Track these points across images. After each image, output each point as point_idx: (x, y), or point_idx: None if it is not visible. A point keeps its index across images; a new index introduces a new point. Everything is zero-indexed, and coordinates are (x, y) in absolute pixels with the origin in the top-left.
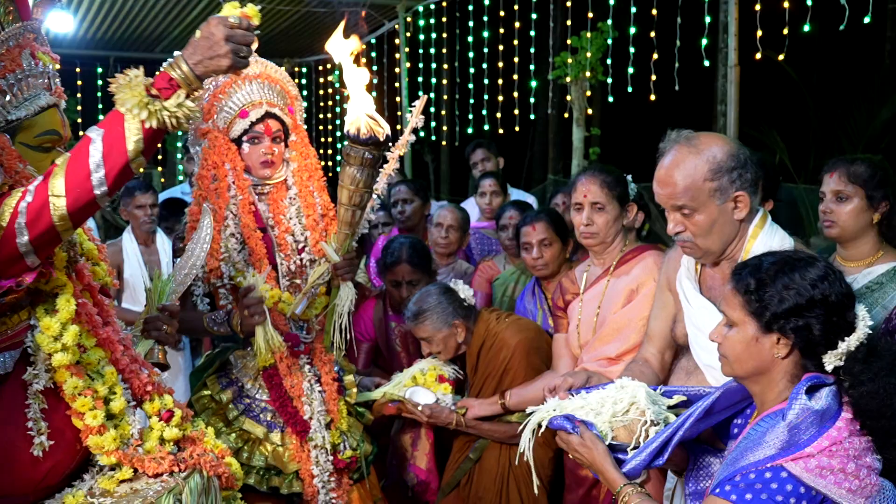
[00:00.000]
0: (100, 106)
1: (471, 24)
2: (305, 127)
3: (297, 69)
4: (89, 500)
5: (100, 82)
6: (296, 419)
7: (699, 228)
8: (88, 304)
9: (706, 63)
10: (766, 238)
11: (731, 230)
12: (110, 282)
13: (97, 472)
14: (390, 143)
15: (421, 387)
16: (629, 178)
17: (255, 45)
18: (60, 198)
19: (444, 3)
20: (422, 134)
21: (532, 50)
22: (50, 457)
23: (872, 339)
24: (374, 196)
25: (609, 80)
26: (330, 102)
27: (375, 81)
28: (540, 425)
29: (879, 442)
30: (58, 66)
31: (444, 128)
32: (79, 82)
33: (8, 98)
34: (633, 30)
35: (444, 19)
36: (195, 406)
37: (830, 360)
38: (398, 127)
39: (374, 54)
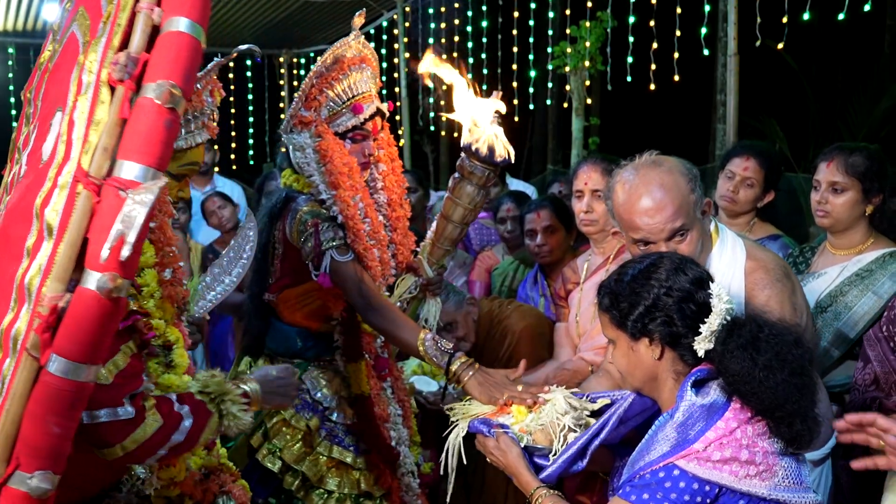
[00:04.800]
0: None
1: (469, 13)
2: None
3: (294, 60)
4: None
5: None
6: (387, 446)
7: (692, 247)
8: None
9: (705, 52)
10: (721, 247)
11: (708, 241)
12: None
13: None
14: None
15: (425, 375)
16: None
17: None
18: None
19: None
20: (420, 124)
21: (531, 39)
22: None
23: (737, 318)
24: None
25: (608, 70)
26: None
27: None
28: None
29: (771, 423)
30: (219, 100)
31: (444, 118)
32: None
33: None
34: (632, 19)
35: (442, 9)
36: (269, 431)
37: (700, 346)
38: (397, 118)
39: (372, 45)
